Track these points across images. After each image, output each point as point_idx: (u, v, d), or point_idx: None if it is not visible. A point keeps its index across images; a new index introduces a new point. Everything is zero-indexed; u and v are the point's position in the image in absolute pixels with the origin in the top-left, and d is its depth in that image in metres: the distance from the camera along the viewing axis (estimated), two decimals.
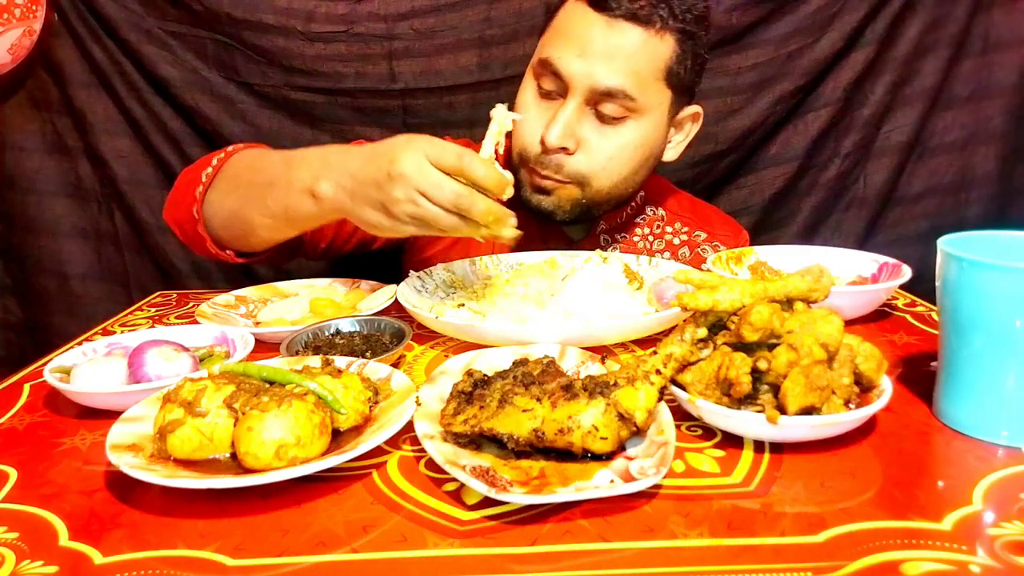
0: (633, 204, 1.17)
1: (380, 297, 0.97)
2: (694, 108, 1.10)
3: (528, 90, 1.05)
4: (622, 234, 1.19)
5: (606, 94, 0.97)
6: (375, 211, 0.77)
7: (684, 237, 1.21)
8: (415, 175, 0.73)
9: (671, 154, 1.12)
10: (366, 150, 0.79)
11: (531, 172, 1.05)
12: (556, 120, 0.98)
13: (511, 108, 1.04)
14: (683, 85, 1.03)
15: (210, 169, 0.96)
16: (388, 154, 0.75)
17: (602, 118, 1.00)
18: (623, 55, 0.96)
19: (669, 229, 1.21)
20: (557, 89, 1.01)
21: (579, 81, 0.97)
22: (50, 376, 0.70)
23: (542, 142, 1.01)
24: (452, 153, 0.74)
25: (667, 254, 1.19)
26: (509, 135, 1.08)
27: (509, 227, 0.78)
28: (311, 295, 0.99)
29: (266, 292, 1.03)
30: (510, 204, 1.14)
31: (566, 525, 0.49)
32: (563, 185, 1.04)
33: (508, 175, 0.77)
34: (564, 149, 1.00)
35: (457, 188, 0.74)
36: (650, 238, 1.20)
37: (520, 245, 1.14)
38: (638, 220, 1.20)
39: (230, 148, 1.00)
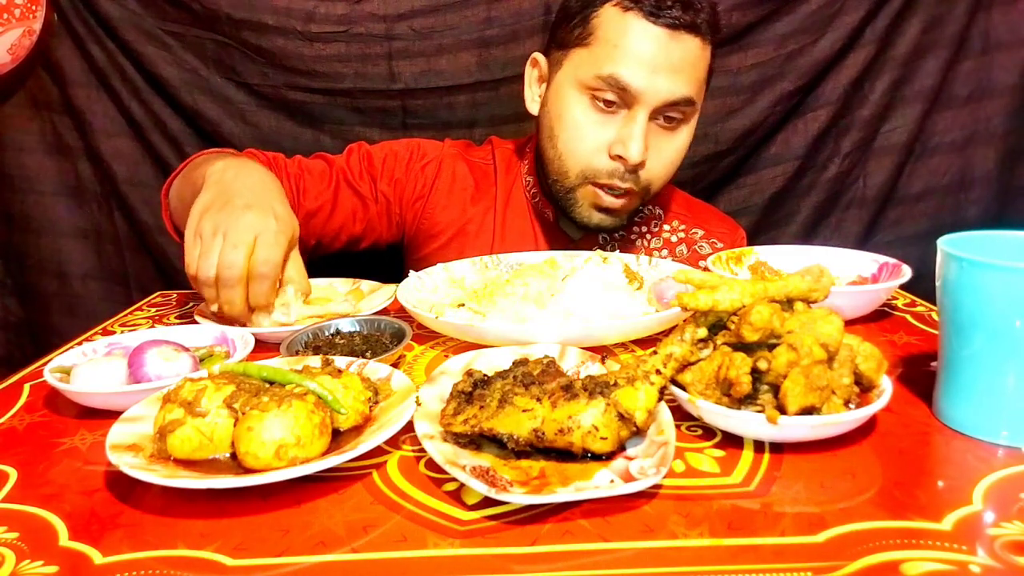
0: None
1: (379, 298, 0.97)
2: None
3: (578, 104, 1.04)
4: (620, 232, 1.19)
5: (674, 104, 1.01)
6: (205, 230, 0.83)
7: (681, 235, 1.21)
8: (243, 232, 0.81)
9: None
10: (254, 198, 0.86)
11: (597, 190, 1.06)
12: (634, 136, 1.00)
13: (547, 123, 1.07)
14: (708, 87, 1.08)
15: (183, 163, 1.06)
16: (265, 210, 0.84)
17: (665, 125, 1.03)
18: (688, 65, 1.00)
19: (667, 227, 1.21)
20: (620, 101, 1.01)
21: (651, 95, 0.99)
22: (50, 376, 0.70)
23: (620, 158, 1.02)
24: (266, 259, 0.82)
25: (664, 251, 1.19)
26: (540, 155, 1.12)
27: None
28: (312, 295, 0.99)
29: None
30: (512, 205, 1.15)
31: (566, 525, 0.49)
32: (630, 202, 1.07)
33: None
34: (643, 163, 1.03)
35: (237, 274, 0.81)
36: (647, 236, 1.21)
37: (520, 245, 1.16)
38: (636, 219, 1.20)
39: (215, 151, 1.07)
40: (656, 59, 0.97)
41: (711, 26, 1.01)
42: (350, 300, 0.93)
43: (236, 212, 0.83)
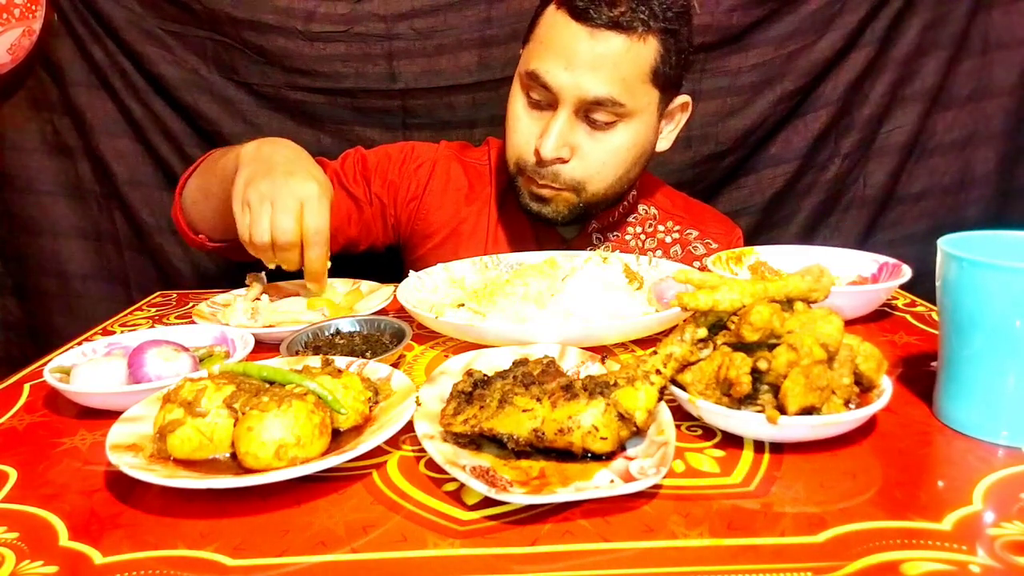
0: (625, 203, 1.18)
1: (377, 298, 0.97)
2: (683, 98, 1.10)
3: (518, 101, 1.06)
4: (614, 232, 1.20)
5: (595, 103, 0.99)
6: (252, 199, 0.88)
7: (676, 235, 1.21)
8: (288, 199, 0.87)
9: (663, 144, 1.13)
10: (296, 165, 0.93)
11: (528, 181, 1.07)
12: (549, 132, 1.00)
13: (502, 116, 1.06)
14: (669, 81, 1.04)
15: (196, 166, 1.09)
16: (305, 176, 0.90)
17: (593, 124, 1.02)
18: (608, 64, 0.97)
19: (661, 228, 1.21)
20: (546, 100, 1.02)
21: (568, 92, 0.98)
22: (50, 376, 0.70)
23: (536, 153, 1.02)
24: (318, 229, 0.88)
25: (659, 252, 1.19)
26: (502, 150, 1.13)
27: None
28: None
29: (267, 292, 1.02)
30: (507, 204, 1.16)
31: (566, 525, 0.49)
32: (560, 192, 1.06)
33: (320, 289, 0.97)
34: (559, 159, 1.02)
35: (290, 239, 0.87)
36: (642, 236, 1.21)
37: (515, 245, 1.16)
38: (630, 219, 1.21)
39: (222, 149, 1.08)
40: (572, 56, 0.97)
41: (653, 20, 0.96)
42: (323, 310, 0.93)
43: (279, 180, 0.89)
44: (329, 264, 0.94)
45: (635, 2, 0.96)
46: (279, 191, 0.88)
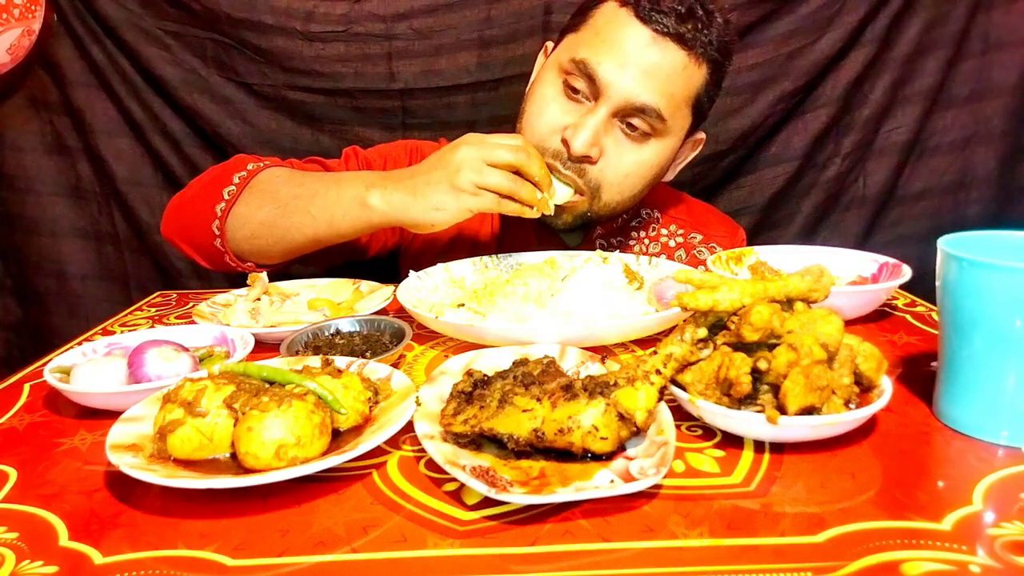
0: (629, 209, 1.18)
1: (377, 298, 0.97)
2: (699, 135, 1.11)
3: (551, 84, 1.03)
4: (618, 239, 1.19)
5: (639, 109, 0.97)
6: (439, 192, 0.87)
7: (680, 239, 1.20)
8: (478, 145, 0.87)
9: (670, 175, 1.13)
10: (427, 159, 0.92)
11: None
12: (585, 126, 0.97)
13: (526, 98, 1.07)
14: (702, 113, 1.05)
15: (232, 187, 1.00)
16: (450, 147, 0.89)
17: (628, 132, 0.99)
18: (663, 75, 0.96)
19: (665, 232, 1.21)
20: (587, 92, 0.99)
21: (615, 91, 0.96)
22: (50, 376, 0.70)
23: (565, 143, 0.99)
24: (507, 148, 0.87)
25: (663, 256, 1.19)
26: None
27: (552, 197, 0.94)
28: (312, 295, 0.99)
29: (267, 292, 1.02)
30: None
31: (566, 525, 0.49)
32: (575, 203, 1.03)
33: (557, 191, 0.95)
34: (587, 157, 0.99)
35: (515, 145, 0.87)
36: (646, 241, 1.20)
37: (517, 248, 1.16)
38: (634, 224, 1.20)
39: (250, 167, 1.03)
40: (630, 57, 0.95)
41: (710, 47, 0.97)
42: (323, 310, 0.93)
43: (441, 154, 0.90)
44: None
45: (702, 24, 0.95)
46: (443, 156, 0.88)
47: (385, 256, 1.23)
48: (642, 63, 0.95)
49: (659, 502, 0.52)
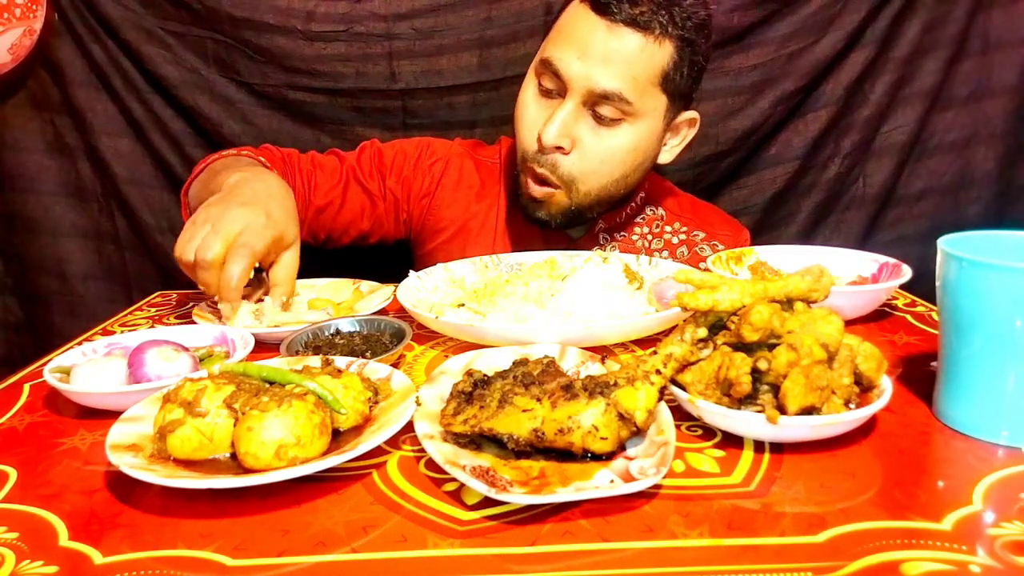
0: (633, 204, 1.18)
1: (377, 298, 0.97)
2: (691, 114, 1.11)
3: (529, 88, 1.07)
4: (621, 233, 1.20)
5: (603, 96, 0.99)
6: (199, 219, 0.86)
7: (683, 236, 1.21)
8: (230, 224, 0.84)
9: (666, 157, 1.14)
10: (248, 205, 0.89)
11: (528, 171, 1.07)
12: (553, 119, 1.01)
13: (512, 106, 1.06)
14: (679, 91, 1.05)
15: (203, 166, 1.07)
16: (258, 210, 0.88)
17: (598, 119, 1.02)
18: (621, 59, 0.98)
19: (668, 229, 1.22)
20: (557, 89, 1.03)
21: (577, 82, 1.00)
22: (50, 376, 0.70)
23: (539, 140, 1.03)
24: (244, 243, 0.84)
25: (665, 253, 1.20)
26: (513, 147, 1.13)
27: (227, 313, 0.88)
28: (312, 295, 0.99)
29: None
30: (516, 202, 1.16)
31: (566, 525, 0.49)
32: (552, 195, 1.07)
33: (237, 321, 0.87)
34: (559, 148, 1.02)
35: (210, 257, 0.82)
36: (649, 237, 1.21)
37: (522, 243, 1.16)
38: (637, 220, 1.21)
39: (234, 151, 1.09)
40: (589, 47, 0.98)
41: (672, 26, 0.98)
42: (328, 310, 0.93)
43: (231, 207, 0.87)
44: (286, 298, 0.91)
45: (657, 4, 0.97)
46: (224, 216, 0.85)
47: (391, 244, 1.25)
48: (600, 51, 0.98)
49: (659, 502, 0.52)
